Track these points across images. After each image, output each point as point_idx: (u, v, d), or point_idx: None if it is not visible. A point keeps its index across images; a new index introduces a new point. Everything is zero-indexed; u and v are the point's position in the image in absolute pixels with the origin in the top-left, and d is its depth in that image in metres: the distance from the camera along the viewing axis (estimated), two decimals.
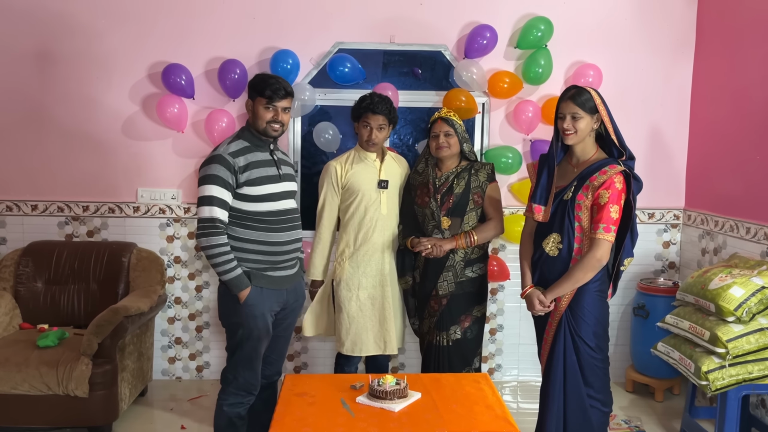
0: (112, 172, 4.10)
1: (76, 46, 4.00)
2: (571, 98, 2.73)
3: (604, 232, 2.67)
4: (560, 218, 2.77)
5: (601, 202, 2.68)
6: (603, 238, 2.67)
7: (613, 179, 2.68)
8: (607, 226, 2.67)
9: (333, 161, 3.36)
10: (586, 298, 2.76)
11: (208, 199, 2.71)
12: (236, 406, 2.87)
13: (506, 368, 4.34)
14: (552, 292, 2.78)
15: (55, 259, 3.86)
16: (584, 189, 2.72)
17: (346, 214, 3.33)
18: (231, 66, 3.89)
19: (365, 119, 3.26)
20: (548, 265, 2.82)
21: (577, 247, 2.76)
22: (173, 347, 4.26)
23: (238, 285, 2.75)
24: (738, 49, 3.73)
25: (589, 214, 2.73)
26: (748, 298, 2.94)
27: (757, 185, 3.51)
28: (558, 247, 2.78)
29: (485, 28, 3.95)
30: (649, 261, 4.28)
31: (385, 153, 3.40)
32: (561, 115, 2.76)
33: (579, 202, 2.73)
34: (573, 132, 2.73)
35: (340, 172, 3.30)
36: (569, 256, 2.76)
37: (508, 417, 2.50)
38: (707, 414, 3.52)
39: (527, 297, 2.87)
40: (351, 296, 3.30)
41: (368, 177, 3.30)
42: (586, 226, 2.74)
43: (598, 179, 2.70)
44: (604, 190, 2.68)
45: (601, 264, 2.71)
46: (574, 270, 2.72)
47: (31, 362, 3.26)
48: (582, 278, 2.72)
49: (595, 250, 2.68)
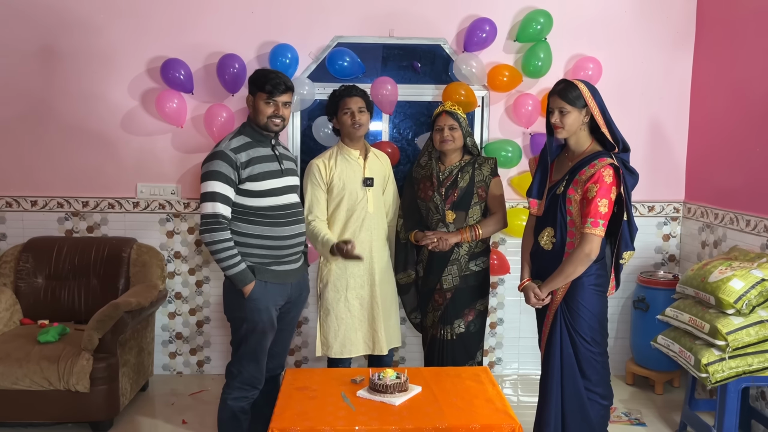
0: (111, 167, 4.10)
1: (74, 41, 3.99)
2: (558, 93, 2.73)
3: (592, 226, 2.67)
4: (553, 212, 2.78)
5: (590, 196, 2.67)
6: (591, 233, 2.67)
7: (602, 173, 2.66)
8: (595, 220, 2.66)
9: (315, 159, 3.31)
10: (581, 293, 2.76)
11: (211, 195, 2.72)
12: (240, 400, 2.88)
13: (506, 362, 4.35)
14: (546, 286, 2.80)
15: (55, 255, 3.86)
16: (574, 183, 2.73)
17: (331, 213, 3.29)
18: (230, 60, 3.88)
19: (344, 106, 3.24)
20: (543, 259, 2.84)
21: (570, 241, 2.76)
22: (174, 342, 4.26)
23: (243, 280, 2.75)
24: (738, 41, 3.72)
25: (579, 207, 2.74)
26: (747, 291, 2.94)
27: (757, 178, 3.51)
28: (552, 240, 2.80)
29: (484, 22, 3.94)
30: (649, 254, 4.28)
31: (368, 149, 3.38)
32: (550, 110, 2.77)
33: (569, 197, 2.74)
34: (561, 126, 2.74)
35: (324, 170, 3.26)
36: (562, 249, 2.77)
37: (509, 410, 2.51)
38: (707, 406, 3.53)
39: (523, 290, 2.91)
40: (339, 297, 3.28)
41: (353, 175, 3.27)
42: (577, 220, 2.75)
43: (587, 173, 2.70)
44: (592, 183, 2.67)
45: (590, 258, 2.70)
46: (565, 264, 2.74)
47: (32, 357, 3.27)
48: (572, 272, 2.72)
49: (583, 244, 2.69)
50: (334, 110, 3.30)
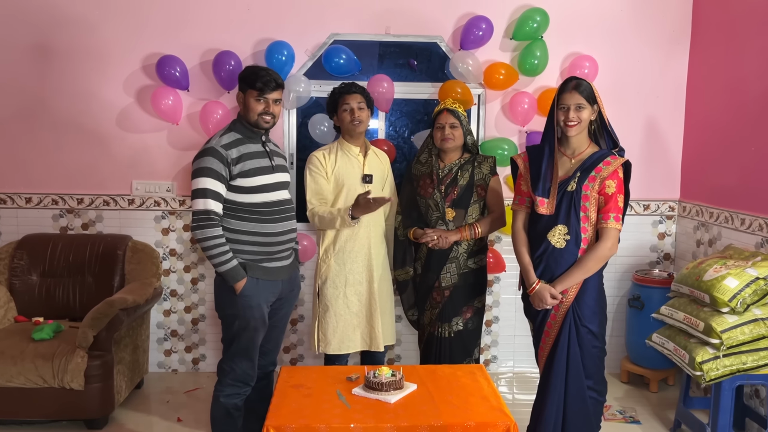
0: (106, 164, 4.09)
1: (69, 38, 3.98)
2: (575, 88, 2.74)
3: (615, 221, 2.71)
4: (566, 210, 2.76)
5: (609, 192, 2.71)
6: (614, 227, 2.71)
7: (618, 170, 2.72)
8: (617, 215, 2.72)
9: (316, 152, 3.33)
10: (592, 288, 2.79)
11: (202, 191, 2.71)
12: (233, 397, 2.88)
13: (502, 359, 4.35)
14: (562, 283, 2.76)
15: (49, 252, 3.85)
16: (590, 180, 2.73)
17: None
18: (226, 58, 3.87)
19: (343, 102, 3.25)
20: (555, 258, 2.78)
21: (584, 237, 2.76)
22: (169, 340, 4.25)
23: (234, 276, 2.75)
24: (733, 40, 3.72)
25: (596, 204, 2.74)
26: (742, 289, 2.95)
27: (752, 176, 3.51)
28: (565, 238, 2.77)
29: (481, 20, 3.94)
30: (644, 252, 4.29)
31: (368, 147, 3.38)
32: (563, 107, 2.75)
33: (585, 193, 2.74)
34: (577, 123, 2.74)
35: (324, 161, 3.28)
36: (577, 247, 2.76)
37: (504, 408, 2.51)
38: (701, 404, 3.54)
39: (537, 293, 2.80)
40: (338, 294, 3.28)
41: (352, 171, 3.28)
42: (592, 216, 2.75)
43: (605, 170, 2.72)
44: (610, 180, 2.71)
45: (613, 253, 2.75)
46: (586, 260, 2.73)
47: (26, 355, 3.26)
48: (593, 268, 2.74)
49: (606, 239, 2.72)
50: (334, 108, 3.30)
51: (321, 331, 3.32)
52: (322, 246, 3.33)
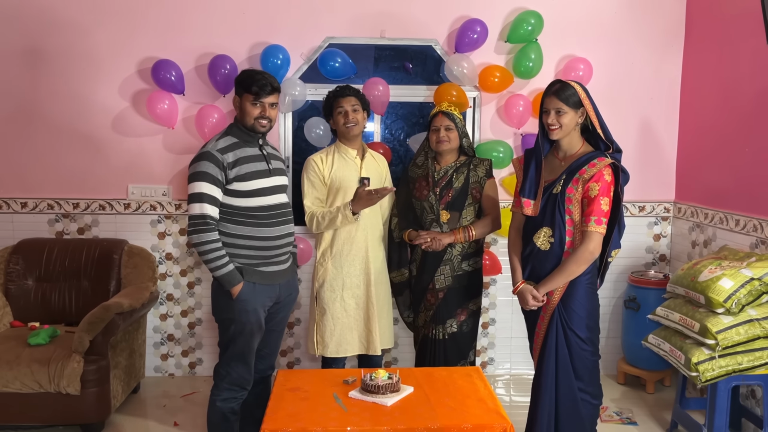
0: (102, 168, 4.08)
1: (64, 42, 3.97)
2: (555, 93, 2.73)
3: (596, 224, 2.69)
4: (551, 212, 2.78)
5: (591, 195, 2.69)
6: (595, 231, 2.69)
7: (602, 172, 2.69)
8: (599, 218, 2.69)
9: (314, 156, 3.35)
10: (579, 291, 2.77)
11: (198, 196, 2.71)
12: (229, 401, 2.88)
13: (498, 362, 4.35)
14: (545, 286, 2.79)
15: (45, 257, 3.84)
16: (574, 182, 2.73)
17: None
18: (221, 61, 3.87)
19: (338, 105, 3.27)
20: (540, 260, 2.82)
21: (569, 240, 2.76)
22: (165, 344, 4.25)
23: (231, 281, 2.75)
24: (727, 42, 3.74)
25: (579, 207, 2.74)
26: (737, 290, 2.96)
27: (747, 178, 3.53)
28: (549, 240, 2.79)
29: (476, 23, 3.95)
30: (639, 254, 4.30)
31: (366, 150, 3.40)
32: (545, 110, 2.77)
33: (569, 196, 2.74)
34: (558, 127, 2.74)
35: (321, 164, 3.29)
36: (561, 249, 2.77)
37: (500, 410, 2.51)
38: (698, 405, 3.55)
39: (520, 293, 2.87)
40: (335, 297, 3.28)
41: (349, 174, 3.29)
42: (576, 219, 2.75)
43: (588, 172, 2.71)
44: (593, 182, 2.69)
45: (594, 256, 2.72)
46: (568, 263, 2.73)
47: (22, 360, 3.25)
48: (575, 271, 2.73)
49: (587, 242, 2.69)
50: (330, 111, 3.31)
51: (318, 334, 3.32)
52: (319, 249, 3.33)
